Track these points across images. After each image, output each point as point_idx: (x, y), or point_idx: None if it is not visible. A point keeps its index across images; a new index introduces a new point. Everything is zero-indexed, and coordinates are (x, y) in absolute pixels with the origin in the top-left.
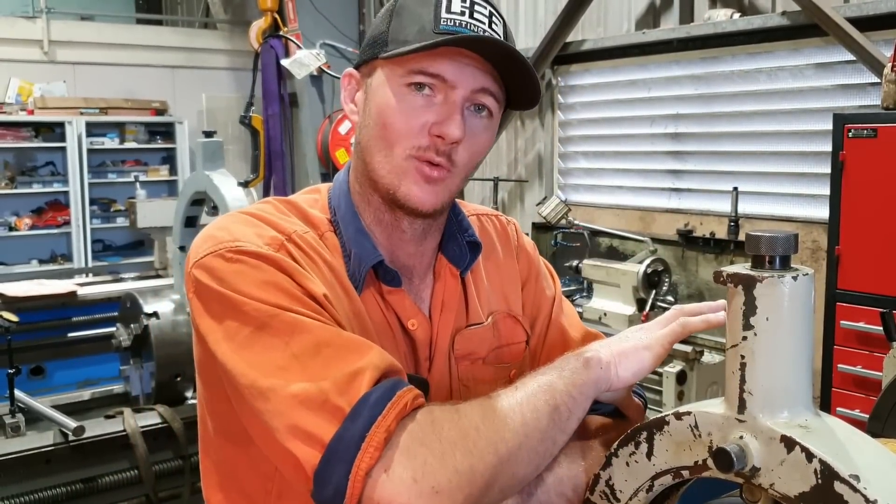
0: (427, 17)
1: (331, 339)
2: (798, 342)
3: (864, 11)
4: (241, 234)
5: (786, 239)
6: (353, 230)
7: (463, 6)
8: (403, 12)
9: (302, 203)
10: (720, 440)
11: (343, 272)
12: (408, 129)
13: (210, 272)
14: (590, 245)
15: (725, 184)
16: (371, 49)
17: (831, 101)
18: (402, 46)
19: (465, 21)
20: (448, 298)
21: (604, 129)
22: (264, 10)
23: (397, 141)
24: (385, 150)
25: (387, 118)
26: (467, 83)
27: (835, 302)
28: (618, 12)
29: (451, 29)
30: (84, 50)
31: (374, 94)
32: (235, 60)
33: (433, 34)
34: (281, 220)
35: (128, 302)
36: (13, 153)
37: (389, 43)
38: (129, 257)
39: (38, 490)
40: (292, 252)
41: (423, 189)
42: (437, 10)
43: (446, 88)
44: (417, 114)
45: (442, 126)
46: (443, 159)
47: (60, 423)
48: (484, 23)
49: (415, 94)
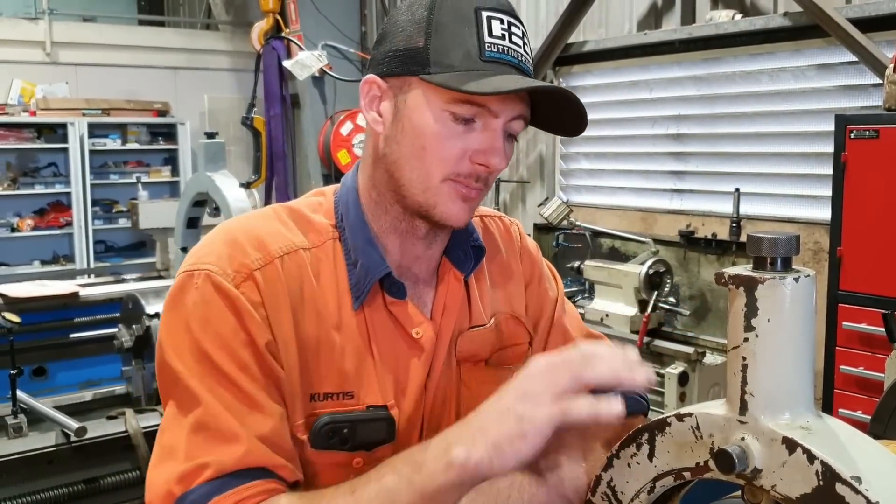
0: (471, 40)
1: (210, 422)
2: (799, 343)
3: (866, 12)
4: (218, 256)
5: (787, 240)
6: (362, 240)
7: (503, 29)
8: (443, 31)
9: (305, 209)
10: (722, 441)
11: (345, 281)
12: (449, 156)
13: (173, 291)
14: (591, 246)
15: (727, 185)
16: (406, 64)
17: (833, 102)
18: (447, 70)
19: (507, 47)
20: (450, 302)
21: (605, 130)
22: (266, 12)
23: (435, 165)
24: (420, 171)
25: (426, 141)
26: (508, 113)
27: (837, 303)
28: (619, 13)
29: (496, 56)
30: (86, 51)
31: (410, 112)
32: (237, 62)
33: (480, 62)
34: (274, 237)
35: (130, 303)
36: (15, 154)
37: (432, 64)
38: (130, 258)
39: (40, 491)
40: (260, 284)
41: (461, 207)
42: (479, 34)
43: (487, 115)
44: (459, 141)
45: (487, 156)
46: (480, 184)
47: (62, 423)
48: (520, 46)
49: (456, 120)
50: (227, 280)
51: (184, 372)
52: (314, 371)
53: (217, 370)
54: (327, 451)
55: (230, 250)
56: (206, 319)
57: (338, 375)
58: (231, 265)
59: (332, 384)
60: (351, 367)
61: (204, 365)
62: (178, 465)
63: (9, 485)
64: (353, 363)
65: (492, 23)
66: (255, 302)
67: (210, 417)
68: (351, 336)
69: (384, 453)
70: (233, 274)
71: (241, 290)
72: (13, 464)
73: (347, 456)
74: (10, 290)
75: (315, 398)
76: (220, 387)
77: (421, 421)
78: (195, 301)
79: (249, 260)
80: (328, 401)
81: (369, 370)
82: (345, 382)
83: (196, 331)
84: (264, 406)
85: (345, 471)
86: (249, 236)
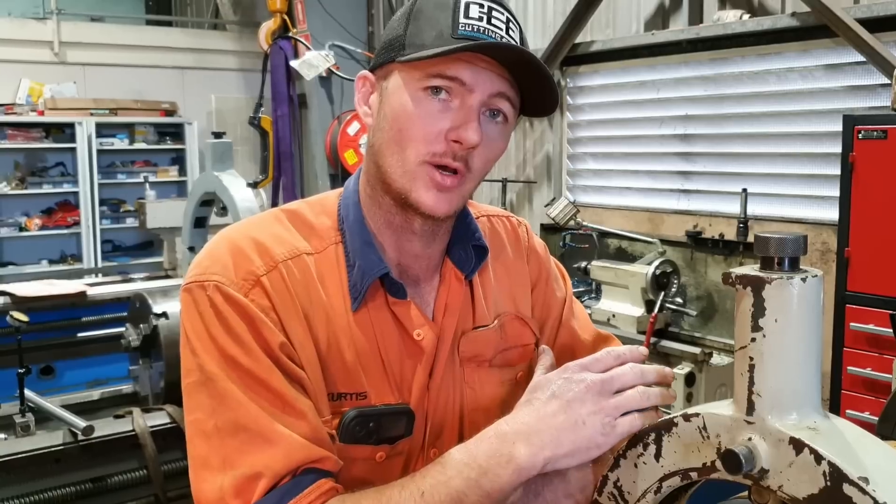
0: (445, 22)
1: (249, 424)
2: (807, 344)
3: (874, 12)
4: (223, 266)
5: (794, 241)
6: (360, 242)
7: (481, 12)
8: (421, 17)
9: (308, 213)
10: (729, 442)
11: (347, 285)
12: (424, 134)
13: (186, 304)
14: (598, 246)
15: (735, 185)
16: (387, 52)
17: (841, 103)
18: (420, 51)
19: (483, 27)
20: (451, 302)
21: (613, 131)
22: (273, 12)
23: (412, 145)
24: (398, 154)
25: (402, 122)
26: (484, 87)
27: (844, 304)
28: (627, 13)
29: (470, 34)
30: (94, 51)
31: (389, 97)
32: (245, 62)
33: (452, 39)
34: (276, 243)
35: (137, 302)
36: (24, 154)
37: (407, 47)
38: (138, 258)
39: (47, 489)
40: (268, 289)
41: (436, 196)
42: (455, 16)
43: (463, 92)
44: (434, 119)
45: (460, 131)
46: (460, 164)
47: (70, 422)
48: (501, 29)
49: (431, 99)
50: (237, 289)
51: (217, 374)
52: (327, 372)
53: (246, 374)
54: (355, 444)
55: (235, 258)
56: (226, 328)
57: (350, 376)
58: (238, 274)
59: (345, 385)
60: (361, 368)
61: (235, 369)
62: (226, 476)
63: (17, 483)
64: (362, 364)
65: (469, 7)
66: (266, 307)
67: (249, 419)
68: (359, 337)
69: (403, 447)
70: (240, 282)
71: (251, 298)
72: (21, 462)
73: (372, 450)
74: (18, 290)
75: (331, 398)
76: (252, 390)
77: (425, 422)
78: (211, 311)
79: (255, 266)
80: (344, 401)
81: (379, 370)
82: (357, 383)
83: (220, 339)
84: (295, 403)
85: (368, 465)
86: (252, 242)
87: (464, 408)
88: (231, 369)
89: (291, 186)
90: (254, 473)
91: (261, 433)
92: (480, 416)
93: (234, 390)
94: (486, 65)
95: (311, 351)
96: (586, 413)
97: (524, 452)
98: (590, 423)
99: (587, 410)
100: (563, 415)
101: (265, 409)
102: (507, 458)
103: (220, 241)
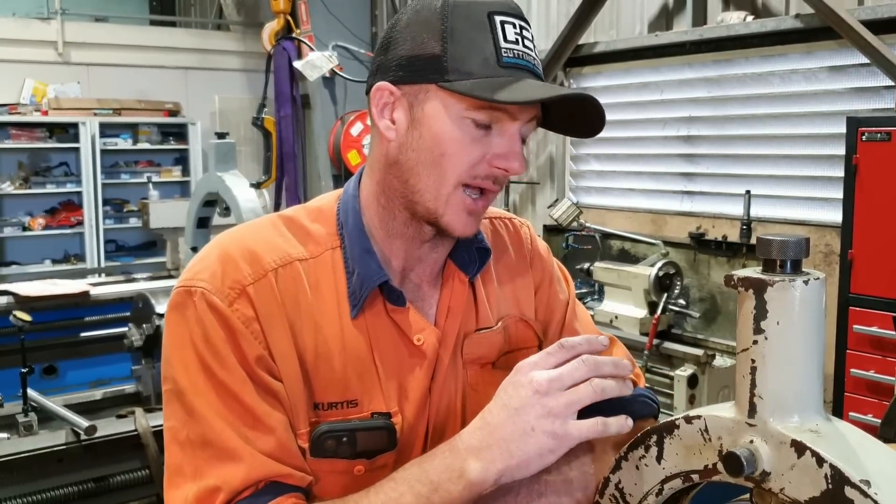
0: (487, 46)
1: (214, 439)
2: (809, 346)
3: (878, 14)
4: (212, 274)
5: (797, 243)
6: (359, 249)
7: (515, 33)
8: (459, 37)
9: (304, 218)
10: (730, 444)
11: (345, 290)
12: (469, 160)
13: (171, 307)
14: (601, 248)
15: (738, 187)
16: (423, 72)
17: (845, 105)
18: (466, 77)
19: (521, 51)
20: (454, 304)
21: (616, 132)
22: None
23: (453, 170)
24: (436, 177)
25: (446, 148)
26: (525, 115)
27: (848, 306)
28: (630, 14)
29: (512, 62)
30: (98, 51)
31: (428, 119)
32: (248, 62)
33: (498, 68)
34: (268, 250)
35: (140, 302)
36: (27, 153)
37: (450, 72)
38: (141, 258)
39: (49, 489)
40: (253, 299)
41: (467, 220)
42: (495, 39)
43: (505, 118)
44: (478, 145)
45: (508, 161)
46: (497, 187)
47: (73, 422)
48: (532, 48)
49: (474, 125)
50: (222, 298)
51: (188, 387)
52: (315, 381)
53: (219, 385)
54: (327, 458)
55: (224, 266)
56: (206, 337)
57: (340, 384)
58: (224, 282)
59: (335, 393)
60: (353, 376)
61: (208, 380)
62: (190, 487)
63: (19, 483)
64: (355, 371)
65: (505, 27)
66: (249, 317)
67: (214, 434)
68: (352, 344)
69: (386, 461)
70: (227, 291)
71: (235, 307)
72: (23, 462)
73: (348, 464)
74: (21, 289)
75: (319, 407)
76: (222, 403)
77: (426, 426)
78: (195, 318)
79: (242, 275)
80: (333, 410)
81: (372, 378)
82: (347, 391)
83: (199, 346)
84: (265, 419)
85: (346, 478)
86: (243, 250)
87: (466, 410)
88: (205, 379)
89: (294, 187)
90: (214, 487)
91: (225, 448)
92: None
93: (202, 404)
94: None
95: (293, 362)
96: (534, 418)
97: (475, 468)
98: (539, 428)
99: (535, 415)
100: (511, 425)
101: (231, 424)
102: (458, 474)
103: (212, 247)
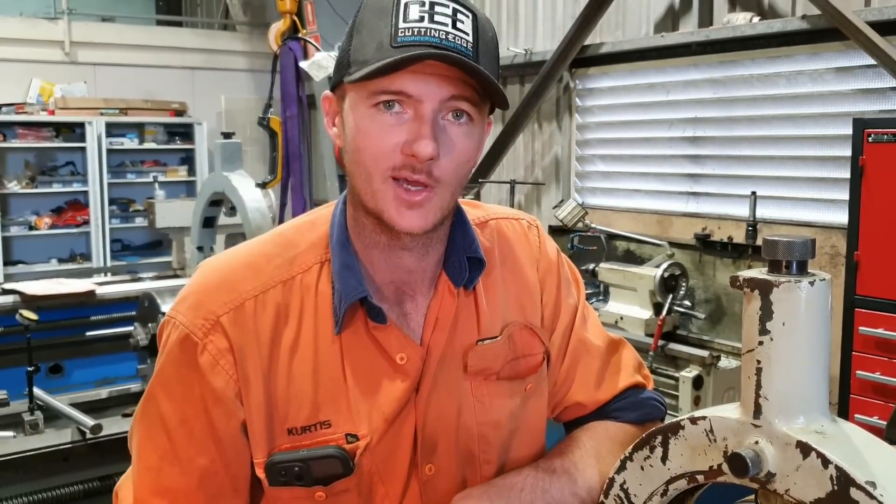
0: (384, 30)
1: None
2: (814, 347)
3: (885, 15)
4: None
5: (803, 244)
6: (340, 264)
7: (422, 11)
8: (363, 28)
9: (295, 234)
10: (735, 445)
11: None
12: (380, 151)
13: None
14: (606, 249)
15: (743, 188)
16: (338, 72)
17: (851, 106)
18: (362, 67)
19: (424, 28)
20: (442, 316)
21: (621, 133)
22: (283, 13)
23: (373, 164)
24: (364, 175)
25: (359, 141)
26: (434, 95)
27: (854, 308)
28: (636, 15)
29: (409, 40)
30: (104, 51)
31: (347, 117)
32: (254, 62)
33: (391, 49)
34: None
35: (146, 301)
36: (34, 153)
37: (352, 64)
38: (147, 257)
39: (55, 487)
40: (227, 330)
41: (407, 215)
42: (394, 22)
43: (414, 103)
44: (388, 134)
45: (413, 145)
46: (422, 176)
47: (78, 421)
48: (446, 24)
49: (384, 114)
50: (194, 331)
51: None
52: (289, 405)
53: (158, 416)
54: (283, 487)
55: (200, 297)
56: (163, 368)
57: (311, 406)
58: (198, 314)
59: (307, 416)
60: (326, 397)
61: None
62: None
63: (25, 481)
64: (328, 392)
65: (409, 8)
66: (223, 349)
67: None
68: (327, 364)
69: (346, 485)
70: (200, 323)
71: (208, 340)
72: (29, 460)
73: (307, 491)
74: (27, 288)
75: (293, 432)
76: (152, 432)
77: (413, 440)
78: (165, 348)
79: (217, 305)
80: (306, 434)
81: (343, 397)
82: (319, 412)
83: (159, 374)
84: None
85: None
86: (222, 278)
87: (461, 421)
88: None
89: (300, 187)
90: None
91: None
92: (490, 430)
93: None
94: (433, 69)
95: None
96: None
97: None
98: None
99: None
100: None
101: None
102: None
103: (196, 275)
